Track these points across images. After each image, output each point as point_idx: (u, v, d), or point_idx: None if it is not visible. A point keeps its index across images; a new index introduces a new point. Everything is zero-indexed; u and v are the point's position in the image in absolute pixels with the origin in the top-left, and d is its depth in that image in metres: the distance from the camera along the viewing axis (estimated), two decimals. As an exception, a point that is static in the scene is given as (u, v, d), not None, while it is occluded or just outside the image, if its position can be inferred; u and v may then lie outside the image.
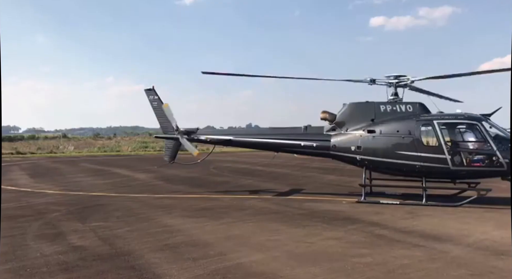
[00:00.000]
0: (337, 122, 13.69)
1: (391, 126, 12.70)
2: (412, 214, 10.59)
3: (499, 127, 12.08)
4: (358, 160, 13.08)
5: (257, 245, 7.66)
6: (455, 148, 11.99)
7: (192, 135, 15.38)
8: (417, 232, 8.60)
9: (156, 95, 15.63)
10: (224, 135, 15.29)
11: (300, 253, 7.10)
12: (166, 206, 12.13)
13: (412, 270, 6.08)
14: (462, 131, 12.42)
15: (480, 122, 11.86)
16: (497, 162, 11.44)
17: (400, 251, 7.10)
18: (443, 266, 6.25)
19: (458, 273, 5.89)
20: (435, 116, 12.46)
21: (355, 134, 13.16)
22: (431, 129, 12.24)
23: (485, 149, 11.66)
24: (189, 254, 7.01)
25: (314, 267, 6.29)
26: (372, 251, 7.12)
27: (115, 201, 13.20)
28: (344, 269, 6.18)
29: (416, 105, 12.92)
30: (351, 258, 6.71)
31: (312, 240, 8.00)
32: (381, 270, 6.09)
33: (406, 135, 12.41)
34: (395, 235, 8.36)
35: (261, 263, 6.54)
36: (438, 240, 7.88)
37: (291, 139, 14.16)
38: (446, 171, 11.95)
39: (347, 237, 8.23)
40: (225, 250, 7.29)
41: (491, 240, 7.82)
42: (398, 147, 12.44)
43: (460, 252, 7.00)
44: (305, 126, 14.33)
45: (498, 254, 6.83)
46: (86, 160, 35.94)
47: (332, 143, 13.49)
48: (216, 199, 13.60)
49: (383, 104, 13.21)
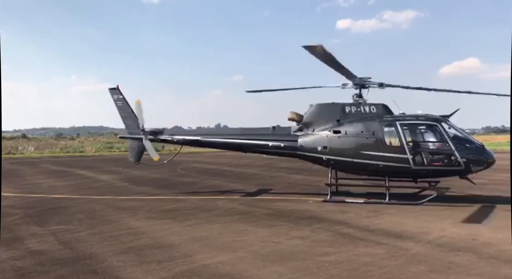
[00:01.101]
0: (304, 122, 13.86)
1: (356, 126, 12.98)
2: (375, 213, 10.85)
3: (457, 128, 12.61)
4: (324, 160, 13.28)
5: (223, 246, 7.61)
6: (416, 148, 12.40)
7: (158, 135, 15.13)
8: (380, 230, 8.82)
9: (121, 95, 15.27)
10: (191, 136, 15.14)
11: (266, 253, 7.11)
12: (131, 208, 11.85)
13: (375, 267, 6.22)
14: (423, 132, 12.85)
15: (439, 123, 12.33)
16: (456, 161, 11.92)
17: (363, 249, 7.25)
18: (404, 263, 6.43)
19: (418, 270, 6.08)
20: (398, 117, 12.84)
21: (322, 134, 13.36)
22: (394, 130, 12.61)
23: (444, 149, 12.13)
24: (154, 257, 6.87)
25: (280, 267, 6.32)
26: (337, 250, 7.23)
27: (77, 203, 12.77)
28: (309, 268, 6.24)
29: (380, 106, 13.27)
30: (317, 257, 6.79)
31: (278, 239, 8.04)
32: (345, 268, 6.20)
33: (370, 136, 12.72)
34: (359, 233, 8.54)
35: (227, 264, 6.50)
36: (399, 237, 8.11)
37: (259, 139, 14.20)
38: (407, 171, 12.34)
39: (313, 236, 8.32)
40: (191, 251, 7.20)
41: (449, 237, 8.14)
42: (362, 147, 12.73)
43: (420, 249, 7.23)
44: (273, 127, 14.42)
45: (455, 250, 7.10)
46: (47, 161, 34.61)
47: (299, 143, 13.64)
48: (183, 200, 13.42)
49: (348, 105, 13.48)
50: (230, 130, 16.17)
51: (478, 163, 12.00)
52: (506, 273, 5.89)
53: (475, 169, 12.04)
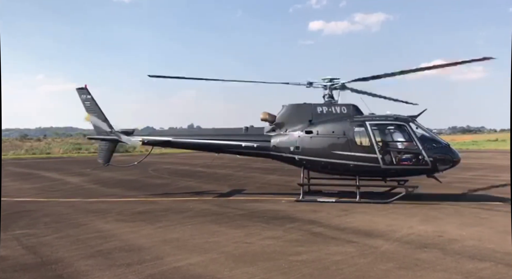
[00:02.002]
0: (276, 123, 13.91)
1: (327, 127, 13.15)
2: (346, 212, 11.02)
3: (424, 128, 12.98)
4: (296, 160, 13.38)
5: (195, 247, 7.52)
6: (385, 147, 12.69)
7: (128, 136, 14.81)
8: (350, 228, 8.95)
9: (89, 95, 14.88)
10: (163, 136, 14.91)
11: (239, 253, 7.08)
12: (100, 211, 11.55)
13: (345, 265, 6.31)
14: (392, 132, 13.15)
15: (407, 123, 12.65)
16: (423, 160, 12.27)
17: (334, 248, 7.34)
18: (374, 260, 6.56)
19: (386, 267, 6.20)
20: (367, 118, 13.09)
21: (294, 134, 13.46)
22: (364, 130, 12.85)
23: (412, 149, 12.45)
24: (123, 260, 6.71)
25: (252, 267, 6.31)
26: (309, 249, 7.29)
27: (44, 207, 12.33)
28: (281, 268, 6.26)
29: (350, 106, 13.49)
30: (288, 257, 6.82)
31: (251, 240, 8.03)
32: (316, 267, 6.26)
33: (341, 136, 12.91)
34: (330, 232, 8.64)
35: (199, 265, 6.43)
36: (369, 236, 8.27)
37: (232, 140, 14.15)
38: (377, 170, 12.60)
39: (285, 236, 8.36)
40: (162, 254, 7.08)
41: (417, 234, 8.36)
42: (333, 147, 12.90)
43: (389, 247, 7.39)
44: (246, 127, 14.40)
45: (422, 247, 7.30)
46: (11, 163, 33.29)
47: (272, 144, 13.69)
48: (154, 202, 13.20)
49: (319, 105, 13.64)
50: (202, 131, 16.06)
51: (444, 162, 12.39)
52: (469, 268, 6.10)
53: (442, 168, 12.42)
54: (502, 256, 6.69)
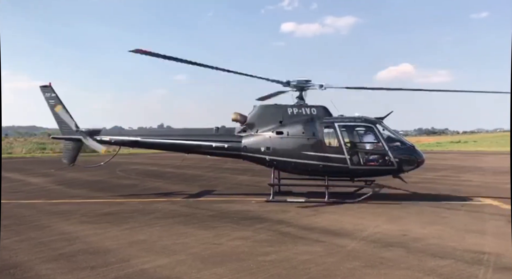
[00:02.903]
0: (248, 123, 13.92)
1: (297, 128, 13.28)
2: (315, 211, 11.16)
3: (391, 129, 13.35)
4: (267, 161, 13.44)
5: (163, 249, 7.40)
6: (353, 148, 12.95)
7: (95, 136, 14.43)
8: (319, 228, 9.07)
9: (54, 93, 14.39)
10: (132, 136, 14.61)
11: (207, 255, 7.03)
12: (64, 212, 11.18)
13: (313, 265, 6.38)
14: (360, 133, 13.44)
15: (375, 125, 12.97)
16: (389, 161, 12.61)
17: (303, 248, 7.41)
18: (340, 259, 6.67)
19: (352, 266, 6.32)
20: (336, 119, 13.31)
21: (265, 135, 13.51)
22: (333, 131, 13.06)
23: (379, 150, 12.77)
24: (87, 263, 6.51)
25: (221, 268, 6.27)
26: (277, 249, 7.32)
27: (3, 209, 11.76)
28: (250, 268, 6.26)
29: (320, 108, 13.69)
30: (257, 257, 6.83)
31: (220, 241, 7.98)
32: (285, 267, 6.29)
33: (311, 137, 13.07)
34: (299, 232, 8.72)
35: (166, 267, 6.33)
36: (337, 235, 8.40)
37: (202, 140, 14.04)
38: (345, 170, 12.84)
39: (254, 236, 8.36)
40: (128, 256, 6.93)
41: (382, 233, 8.57)
42: (303, 148, 13.04)
43: (355, 246, 7.54)
44: (217, 127, 14.33)
45: (387, 246, 7.49)
46: (-31, 163, 31.65)
47: (243, 144, 13.68)
48: (121, 203, 12.90)
49: (290, 107, 13.76)
50: (172, 131, 15.83)
51: (409, 162, 12.78)
52: (431, 266, 6.30)
53: (407, 169, 12.81)
54: (462, 253, 6.96)
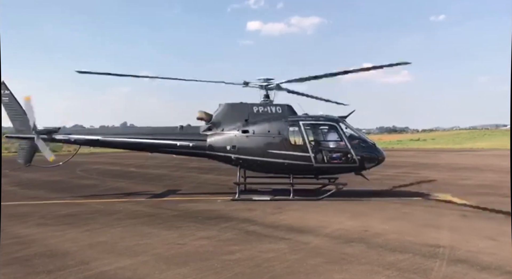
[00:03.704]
0: (213, 122, 13.84)
1: (263, 126, 13.34)
2: (280, 209, 11.25)
3: (353, 128, 13.66)
4: (233, 159, 13.41)
5: (125, 250, 7.22)
6: (318, 147, 13.15)
7: (53, 135, 13.86)
8: (283, 226, 9.15)
9: (7, 90, 13.72)
10: (92, 135, 14.14)
11: (170, 255, 6.92)
12: (20, 215, 10.69)
13: (277, 262, 6.43)
14: (324, 132, 13.66)
15: (337, 123, 13.23)
16: (351, 159, 12.91)
17: (267, 245, 7.45)
18: (304, 256, 6.76)
19: (315, 262, 6.42)
20: (301, 118, 13.48)
21: (230, 134, 13.47)
22: (298, 130, 13.21)
23: (342, 148, 13.04)
24: (44, 267, 6.25)
25: (184, 268, 6.19)
26: (242, 247, 7.32)
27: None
28: (214, 268, 6.22)
29: (285, 107, 13.81)
30: (221, 256, 6.80)
31: (184, 241, 7.89)
32: (249, 265, 6.30)
33: (276, 135, 13.16)
34: (264, 230, 8.76)
35: (127, 269, 6.18)
36: (301, 232, 8.51)
37: (166, 139, 13.81)
38: (310, 168, 13.03)
39: (219, 235, 8.32)
40: (88, 258, 6.70)
41: (345, 229, 8.76)
42: (269, 146, 13.12)
43: (318, 242, 7.67)
44: (181, 126, 14.14)
45: (349, 242, 7.66)
46: None
47: (208, 143, 13.59)
48: (82, 204, 12.47)
49: (255, 105, 13.79)
50: (135, 129, 15.50)
51: (370, 160, 13.14)
52: (390, 260, 6.50)
53: (368, 166, 13.17)
54: (420, 247, 7.22)
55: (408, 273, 5.87)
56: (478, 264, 6.24)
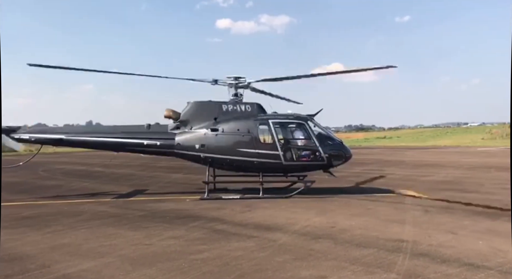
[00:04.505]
0: (181, 120, 13.68)
1: (232, 125, 13.30)
2: (250, 207, 11.26)
3: (321, 126, 13.86)
4: (202, 158, 13.31)
5: (89, 252, 7.01)
6: (287, 145, 13.27)
7: (11, 133, 13.27)
8: (252, 224, 9.16)
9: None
10: (54, 134, 13.64)
11: (137, 256, 6.78)
12: (-24, 218, 10.14)
13: (245, 260, 6.42)
14: (292, 130, 13.79)
15: (306, 122, 13.39)
16: (320, 157, 13.10)
17: (235, 244, 7.44)
18: (272, 253, 6.79)
19: (283, 259, 6.47)
20: (270, 116, 13.55)
21: (199, 132, 13.36)
22: (267, 128, 13.28)
23: (310, 146, 13.21)
24: (1, 271, 5.96)
25: (151, 269, 6.08)
26: (210, 247, 7.27)
27: None
28: (181, 267, 6.14)
29: (254, 105, 13.84)
30: (189, 256, 6.73)
31: (151, 241, 7.75)
32: (217, 264, 6.27)
33: (246, 134, 13.17)
34: (232, 228, 8.74)
35: (91, 271, 6.00)
36: (269, 230, 8.55)
37: (132, 137, 13.53)
38: (279, 166, 13.12)
39: (187, 235, 8.23)
40: (49, 261, 6.46)
41: (313, 226, 8.88)
42: (238, 145, 13.11)
43: (286, 239, 7.72)
44: (148, 124, 13.90)
45: (316, 238, 7.77)
46: None
47: (176, 142, 13.42)
48: (43, 205, 12.01)
49: (225, 103, 13.74)
50: (100, 128, 15.08)
51: (338, 158, 13.37)
52: (356, 255, 6.64)
53: (336, 164, 13.39)
54: (384, 242, 7.42)
55: (373, 267, 6.02)
56: (438, 257, 6.48)
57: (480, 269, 5.88)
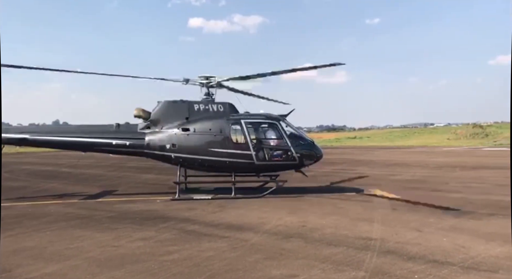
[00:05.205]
0: (151, 119, 13.45)
1: (204, 124, 13.20)
2: (221, 208, 11.21)
3: (293, 126, 13.97)
4: (173, 158, 13.14)
5: (53, 255, 6.78)
6: (259, 145, 13.28)
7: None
8: (224, 224, 9.12)
9: None
10: (17, 133, 13.11)
11: (104, 258, 6.61)
12: None
13: (216, 261, 6.38)
14: (265, 130, 13.83)
15: (278, 122, 13.45)
16: (292, 156, 13.19)
17: (207, 244, 7.38)
18: (243, 253, 6.77)
19: (254, 259, 6.47)
20: (243, 116, 13.53)
21: (170, 132, 13.19)
22: (239, 128, 13.25)
23: (283, 146, 13.28)
24: (-42, 278, 5.68)
25: (119, 271, 5.95)
26: (181, 247, 7.19)
27: None
28: (150, 269, 6.03)
29: (226, 105, 13.78)
30: (159, 257, 6.62)
31: (119, 243, 7.58)
32: (187, 265, 6.19)
33: (218, 133, 13.09)
34: (204, 229, 8.67)
35: (56, 274, 5.81)
36: (241, 230, 8.53)
37: (101, 137, 13.19)
38: (251, 166, 13.12)
39: (157, 236, 8.10)
40: (11, 265, 6.20)
41: (284, 225, 8.92)
42: (210, 145, 13.02)
43: (258, 239, 7.73)
44: (117, 124, 13.59)
45: (288, 237, 7.81)
46: None
47: (146, 141, 13.19)
48: (6, 208, 11.47)
49: (196, 103, 13.61)
50: (66, 128, 14.65)
51: (309, 157, 13.52)
52: (326, 254, 6.72)
53: (307, 163, 13.53)
54: (353, 240, 7.55)
55: (342, 265, 6.11)
56: (405, 254, 6.65)
57: (444, 266, 6.08)
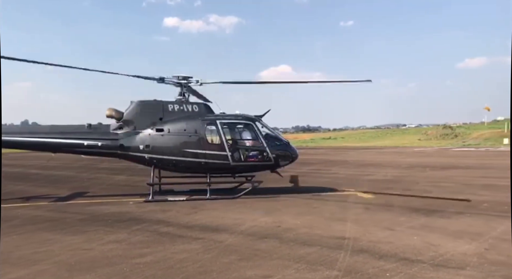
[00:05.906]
0: (124, 120, 13.20)
1: (179, 125, 13.06)
2: (196, 209, 11.11)
3: (269, 127, 14.01)
4: (146, 159, 12.93)
5: (20, 260, 6.54)
6: (234, 145, 13.25)
7: None
8: (198, 225, 9.04)
9: None
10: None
11: (74, 261, 6.43)
12: None
13: (190, 263, 6.31)
14: (240, 130, 13.80)
15: (254, 122, 13.46)
16: (267, 157, 13.23)
17: (180, 246, 7.29)
18: (217, 255, 6.73)
19: (228, 260, 6.44)
20: (218, 116, 13.46)
21: (144, 132, 12.99)
22: (215, 128, 13.18)
23: (258, 146, 13.30)
24: None
25: (89, 275, 5.79)
26: (154, 250, 7.07)
27: None
28: (123, 272, 5.91)
29: (202, 105, 13.69)
30: (131, 260, 6.49)
31: (90, 246, 7.39)
32: (160, 268, 6.10)
33: (192, 134, 12.98)
34: (178, 231, 8.57)
35: (23, 281, 5.60)
36: (215, 231, 8.48)
37: (72, 138, 12.83)
38: (227, 167, 13.07)
39: (130, 238, 7.94)
40: (-26, 272, 5.94)
41: (259, 226, 8.93)
42: (185, 145, 12.89)
43: (233, 240, 7.70)
44: (89, 124, 13.25)
45: (262, 238, 7.82)
46: None
47: (119, 142, 12.94)
48: (-30, 211, 11.04)
49: (171, 103, 13.45)
50: (35, 128, 14.16)
51: (284, 158, 13.58)
52: (300, 253, 6.77)
53: (283, 164, 13.59)
54: (327, 240, 7.63)
55: (316, 265, 6.16)
56: (377, 253, 6.77)
57: (415, 263, 6.23)
